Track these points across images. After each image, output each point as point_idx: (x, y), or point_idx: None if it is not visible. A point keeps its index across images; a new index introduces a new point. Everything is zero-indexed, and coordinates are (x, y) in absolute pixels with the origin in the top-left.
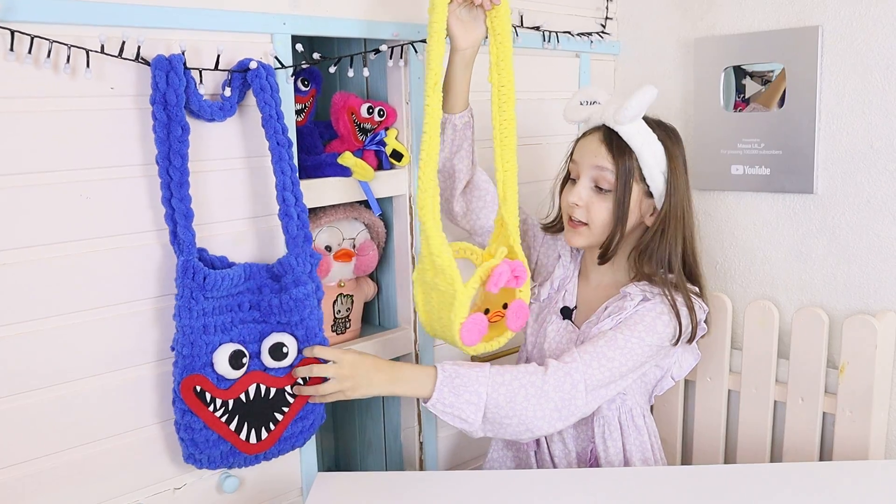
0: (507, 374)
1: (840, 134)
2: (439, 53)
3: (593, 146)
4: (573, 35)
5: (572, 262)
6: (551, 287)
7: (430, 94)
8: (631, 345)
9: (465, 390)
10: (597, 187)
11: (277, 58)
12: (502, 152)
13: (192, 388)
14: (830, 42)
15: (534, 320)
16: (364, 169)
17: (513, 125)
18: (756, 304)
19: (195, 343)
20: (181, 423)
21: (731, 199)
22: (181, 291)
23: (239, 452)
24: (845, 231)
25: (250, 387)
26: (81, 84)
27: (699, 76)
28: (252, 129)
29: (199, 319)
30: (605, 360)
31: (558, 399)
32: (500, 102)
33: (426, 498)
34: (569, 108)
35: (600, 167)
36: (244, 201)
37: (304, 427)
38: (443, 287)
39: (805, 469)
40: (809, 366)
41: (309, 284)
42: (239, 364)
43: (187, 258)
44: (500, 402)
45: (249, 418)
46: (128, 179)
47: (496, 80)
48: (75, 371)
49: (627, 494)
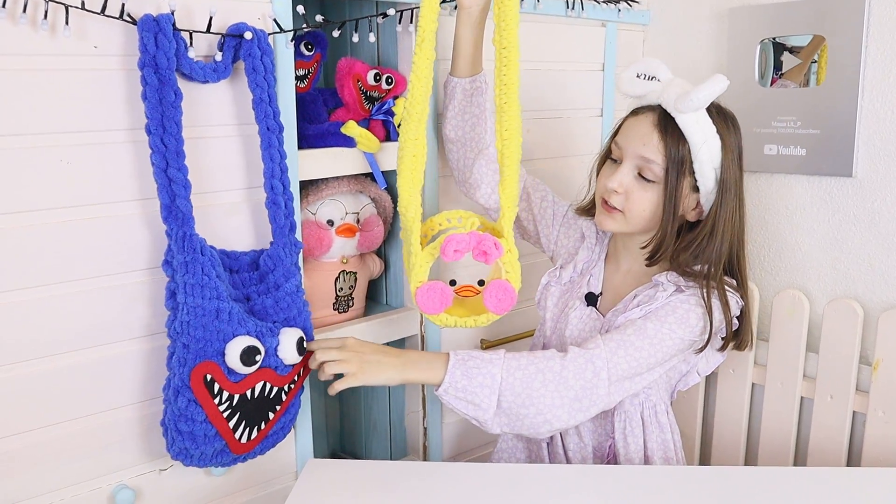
0: (524, 358)
1: (884, 113)
2: (431, 10)
3: (644, 130)
4: (599, 2)
5: (598, 245)
6: (574, 270)
7: (417, 49)
8: (661, 335)
9: (478, 372)
10: (640, 175)
11: (276, 21)
12: (502, 118)
13: (203, 375)
14: (878, 11)
15: (553, 304)
16: (370, 140)
17: (515, 89)
18: (785, 293)
19: (207, 327)
20: (183, 414)
21: (762, 181)
22: (189, 268)
23: (228, 452)
24: (886, 218)
25: (258, 384)
26: (61, 42)
27: (733, 49)
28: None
29: (213, 302)
30: (633, 350)
31: (579, 388)
32: (502, 66)
33: (420, 490)
34: (624, 80)
35: (647, 158)
36: (239, 171)
37: (286, 422)
38: (406, 247)
39: (831, 475)
40: (841, 361)
41: (297, 276)
42: (251, 361)
43: (191, 232)
44: (516, 388)
45: (248, 417)
46: (112, 145)
47: (499, 42)
48: (52, 346)
49: (642, 494)
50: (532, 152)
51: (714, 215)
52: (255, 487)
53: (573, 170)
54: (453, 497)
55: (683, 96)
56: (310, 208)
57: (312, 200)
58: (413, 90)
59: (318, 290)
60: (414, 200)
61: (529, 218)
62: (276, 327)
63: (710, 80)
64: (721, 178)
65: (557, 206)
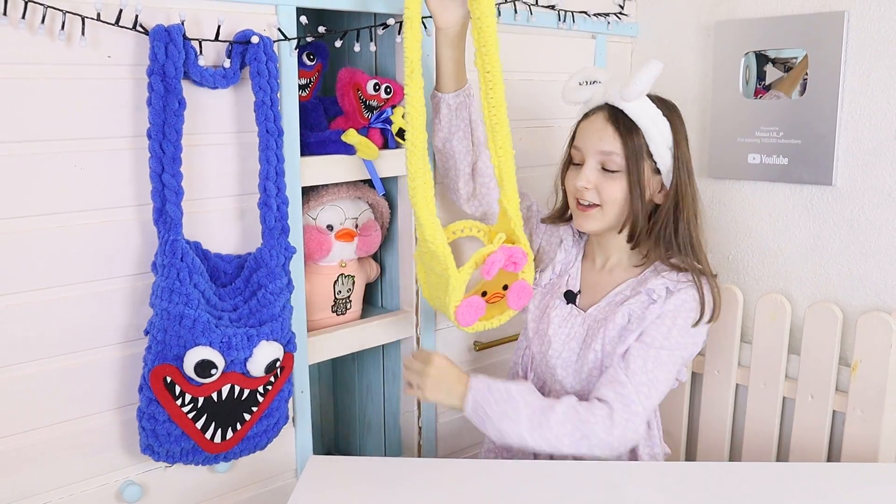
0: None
1: (862, 124)
2: (415, 37)
3: (598, 126)
4: (589, 15)
5: (575, 247)
6: (553, 272)
7: (408, 80)
8: (675, 359)
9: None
10: (604, 169)
11: (281, 30)
12: (494, 138)
13: (161, 377)
14: (856, 28)
15: (535, 306)
16: (369, 147)
17: (502, 110)
18: (768, 297)
19: (168, 331)
20: (145, 412)
21: (746, 188)
22: (165, 272)
23: (200, 451)
24: (864, 225)
25: (224, 387)
26: (77, 52)
27: (718, 61)
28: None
29: (178, 307)
30: (659, 385)
31: (622, 447)
32: (488, 88)
33: (419, 485)
34: (567, 90)
35: (606, 151)
36: (234, 178)
37: (269, 426)
38: (438, 271)
39: (812, 469)
40: (821, 362)
41: (282, 278)
42: (206, 374)
43: (175, 237)
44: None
45: (217, 418)
46: (116, 152)
47: (481, 66)
48: (59, 346)
49: (628, 489)
50: (524, 160)
51: (675, 191)
52: (257, 484)
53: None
54: (456, 493)
55: (626, 85)
56: (310, 213)
57: (313, 206)
58: (412, 120)
59: (318, 293)
60: (438, 228)
61: None
62: (256, 337)
63: (645, 66)
64: (675, 154)
65: (541, 215)
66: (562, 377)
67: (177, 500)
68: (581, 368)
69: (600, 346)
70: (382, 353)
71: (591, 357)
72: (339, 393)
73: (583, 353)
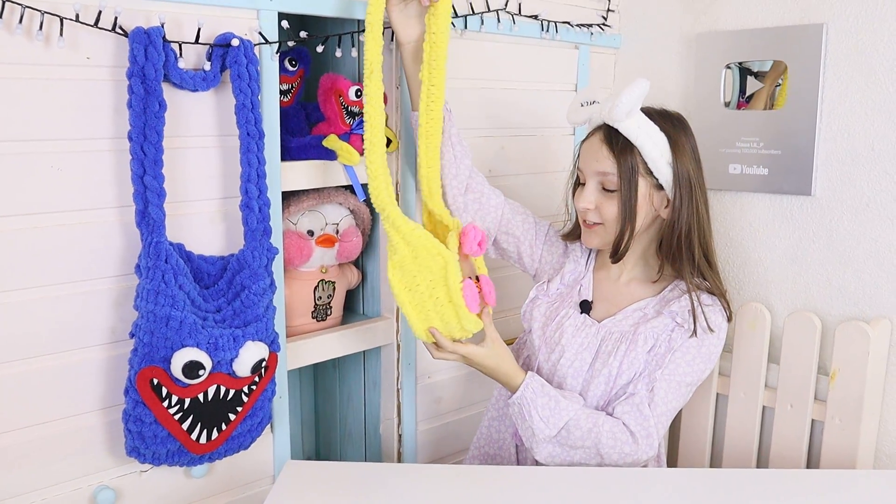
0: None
1: (841, 135)
2: (375, 40)
3: (594, 147)
4: (572, 26)
5: (584, 257)
6: (561, 282)
7: (367, 81)
8: (692, 389)
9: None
10: (604, 189)
11: (262, 34)
12: (427, 150)
13: (148, 379)
14: (835, 40)
15: (541, 315)
16: (350, 153)
17: (438, 125)
18: (748, 306)
19: (155, 333)
20: (131, 414)
21: (727, 198)
22: (150, 274)
23: (186, 452)
24: (842, 235)
25: (210, 388)
26: (56, 53)
27: (699, 72)
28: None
29: (165, 308)
30: (675, 412)
31: (633, 467)
32: (428, 101)
33: (395, 490)
34: (571, 111)
35: (602, 171)
36: (218, 181)
37: (253, 425)
38: (429, 262)
39: (790, 476)
40: (800, 371)
41: (265, 279)
42: (194, 375)
43: (159, 239)
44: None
45: (203, 419)
46: (96, 153)
47: (426, 79)
48: (35, 347)
49: (608, 494)
50: (507, 168)
51: (677, 205)
52: (233, 490)
53: (547, 186)
54: (432, 497)
55: (612, 106)
56: (291, 219)
57: (294, 211)
58: (370, 119)
59: (298, 299)
60: (411, 221)
61: (511, 241)
62: (242, 338)
63: (630, 84)
64: (676, 171)
65: (539, 227)
66: (571, 386)
67: None
68: (591, 379)
69: (617, 364)
70: (363, 361)
71: (605, 372)
72: (320, 401)
73: (595, 364)
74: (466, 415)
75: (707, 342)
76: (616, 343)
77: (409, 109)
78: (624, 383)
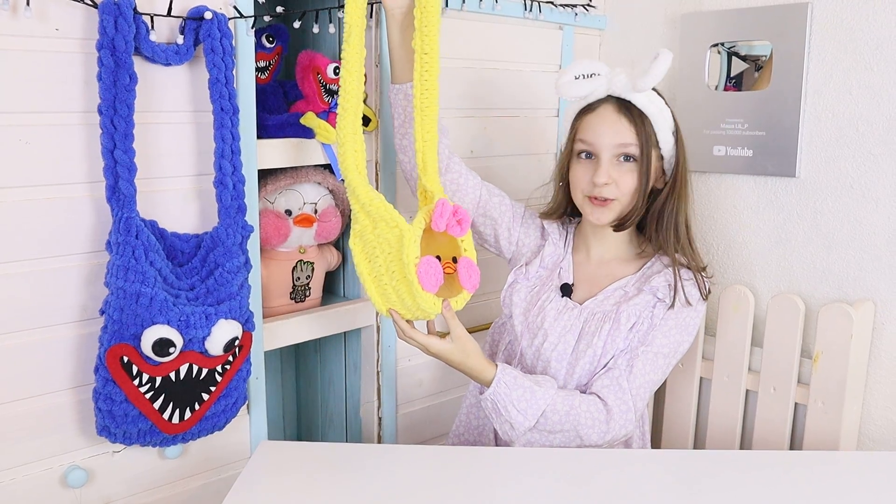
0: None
1: (825, 116)
2: (356, 5)
3: (610, 119)
4: (556, 6)
5: (562, 239)
6: (541, 265)
7: (345, 45)
8: (671, 361)
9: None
10: (619, 160)
11: (236, 7)
12: (423, 121)
13: (118, 357)
14: (820, 20)
15: (522, 299)
16: (328, 131)
17: (435, 96)
18: (732, 289)
19: (125, 310)
20: (101, 393)
21: (711, 181)
22: (119, 250)
23: (158, 432)
24: (826, 217)
25: (182, 366)
26: (23, 23)
27: (685, 53)
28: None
29: (135, 285)
30: (654, 385)
31: (612, 445)
32: (422, 71)
33: (372, 470)
34: (564, 84)
35: (624, 143)
36: (192, 157)
37: (227, 406)
38: (387, 233)
39: (773, 457)
40: (783, 354)
41: (239, 257)
42: (164, 353)
43: (129, 215)
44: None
45: (175, 398)
46: (66, 127)
47: (419, 47)
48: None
49: (590, 475)
50: (489, 149)
51: (675, 177)
52: (209, 472)
53: (529, 167)
54: (406, 477)
55: (642, 76)
56: (268, 198)
57: (271, 190)
58: (345, 84)
59: (276, 280)
60: (373, 190)
61: (488, 223)
62: (214, 316)
63: (659, 57)
64: (677, 138)
65: (516, 208)
66: (555, 369)
67: (124, 486)
68: (575, 361)
69: (601, 344)
70: (344, 344)
71: (590, 353)
72: (302, 385)
73: (579, 346)
74: (448, 398)
75: (684, 314)
76: (599, 323)
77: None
78: (608, 363)
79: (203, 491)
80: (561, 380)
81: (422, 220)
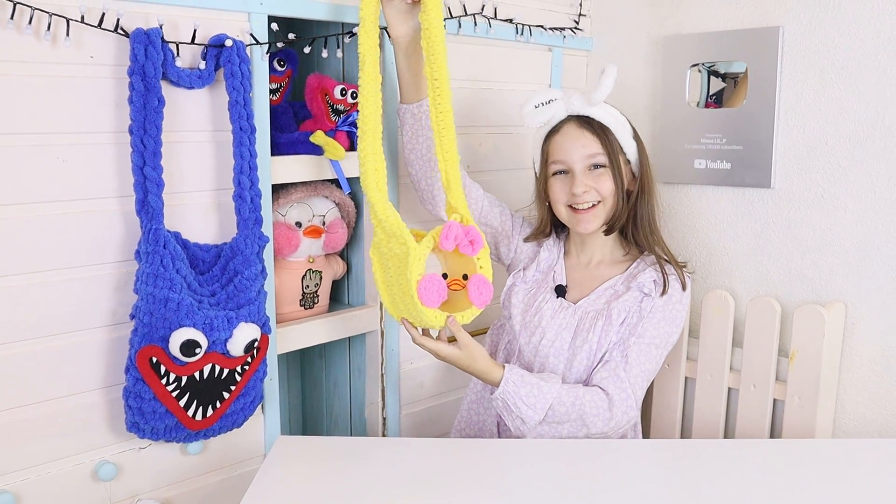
0: (577, 391)
1: (797, 131)
2: (367, 34)
3: (574, 135)
4: (546, 29)
5: (556, 245)
6: (537, 269)
7: (361, 73)
8: (663, 351)
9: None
10: (591, 169)
11: (253, 35)
12: (441, 142)
13: (148, 358)
14: (790, 42)
15: (520, 301)
16: (335, 148)
17: (449, 118)
18: (713, 293)
19: (154, 314)
20: (131, 391)
21: (693, 192)
22: (149, 259)
23: (183, 428)
24: (799, 225)
25: (206, 366)
26: (62, 52)
27: (666, 73)
28: (225, 103)
29: (163, 291)
30: (650, 375)
31: (616, 433)
32: (435, 95)
33: (382, 461)
34: (527, 115)
35: (591, 154)
36: (212, 173)
37: (245, 404)
38: (397, 249)
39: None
40: (762, 354)
41: (256, 265)
42: (191, 353)
43: (157, 226)
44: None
45: (199, 396)
46: (99, 146)
47: (430, 74)
48: (38, 328)
49: (586, 463)
50: (483, 164)
51: (642, 177)
52: (227, 468)
53: (520, 181)
54: (419, 467)
55: (594, 90)
56: (280, 210)
57: (282, 203)
58: (363, 109)
59: (287, 287)
60: (391, 208)
61: (489, 232)
62: (235, 319)
63: (606, 72)
64: (639, 147)
65: (515, 219)
66: (553, 365)
67: (149, 481)
68: (573, 357)
69: (596, 340)
70: (349, 348)
71: (586, 348)
72: (307, 390)
73: (575, 342)
74: (448, 399)
75: (671, 307)
76: (593, 320)
77: (394, 111)
78: (604, 356)
79: (221, 486)
80: (559, 375)
81: (430, 240)
